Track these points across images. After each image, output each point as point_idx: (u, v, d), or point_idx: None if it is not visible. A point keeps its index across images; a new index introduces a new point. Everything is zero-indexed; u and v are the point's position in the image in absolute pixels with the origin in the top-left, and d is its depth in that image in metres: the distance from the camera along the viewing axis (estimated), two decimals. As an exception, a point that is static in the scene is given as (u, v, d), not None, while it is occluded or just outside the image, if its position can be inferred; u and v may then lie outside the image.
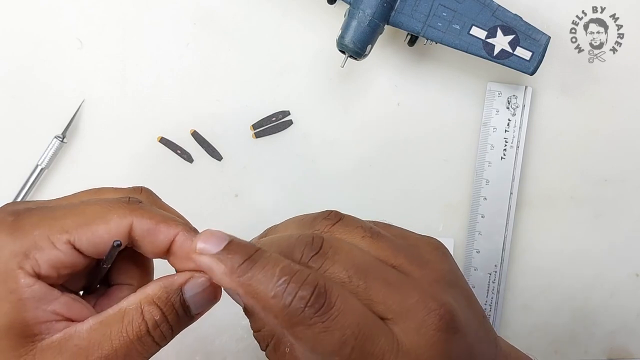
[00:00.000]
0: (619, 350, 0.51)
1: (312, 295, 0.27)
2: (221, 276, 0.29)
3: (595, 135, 0.50)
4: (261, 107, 0.49)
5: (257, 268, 0.28)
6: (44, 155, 0.47)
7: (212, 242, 0.29)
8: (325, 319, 0.27)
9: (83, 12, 0.48)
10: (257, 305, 0.28)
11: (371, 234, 0.32)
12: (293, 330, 0.28)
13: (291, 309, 0.27)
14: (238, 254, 0.29)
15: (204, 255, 0.29)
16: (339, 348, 0.28)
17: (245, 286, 0.28)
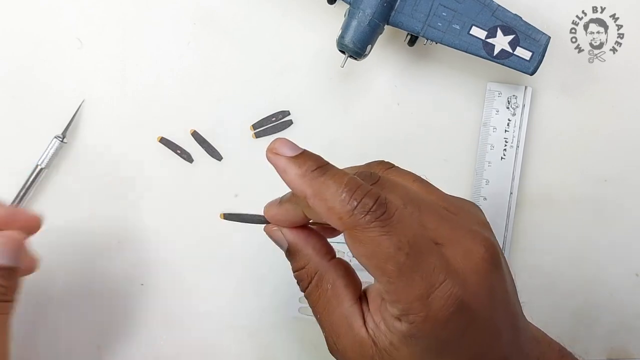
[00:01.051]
0: (618, 350, 0.51)
1: (374, 204, 0.30)
2: (294, 177, 0.32)
3: (595, 135, 0.50)
4: (261, 107, 0.49)
5: (328, 175, 0.31)
6: (44, 155, 0.47)
7: (288, 147, 0.32)
8: (384, 225, 0.30)
9: (83, 12, 0.48)
10: (324, 207, 0.31)
11: (420, 180, 0.35)
12: (354, 233, 0.30)
13: (356, 212, 0.30)
14: (312, 161, 0.32)
15: (281, 156, 0.32)
16: (394, 253, 0.30)
17: (316, 189, 0.31)
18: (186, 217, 0.49)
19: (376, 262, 0.30)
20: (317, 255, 0.35)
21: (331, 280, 0.34)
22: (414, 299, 0.30)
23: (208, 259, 0.49)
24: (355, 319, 0.33)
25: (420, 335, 0.30)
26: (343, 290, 0.34)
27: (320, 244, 0.35)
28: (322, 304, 0.34)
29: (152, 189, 0.49)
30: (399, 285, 0.30)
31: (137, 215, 0.49)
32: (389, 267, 0.30)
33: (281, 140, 0.33)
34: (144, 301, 0.49)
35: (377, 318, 0.32)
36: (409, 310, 0.30)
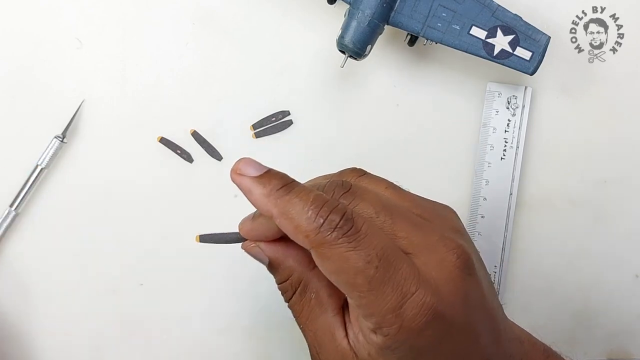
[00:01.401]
0: (618, 352, 0.51)
1: (341, 219, 0.30)
2: (259, 197, 0.32)
3: (595, 135, 0.50)
4: (261, 107, 0.49)
5: (293, 193, 0.31)
6: (44, 155, 0.47)
7: (252, 167, 0.33)
8: (352, 240, 0.30)
9: (83, 12, 0.48)
10: (290, 226, 0.31)
11: (393, 186, 0.35)
12: (322, 250, 0.30)
13: (322, 230, 0.30)
14: (276, 179, 0.32)
15: (245, 177, 0.32)
16: (364, 267, 0.30)
17: (282, 207, 0.31)
18: (186, 217, 0.49)
19: (345, 278, 0.30)
20: (299, 266, 0.34)
21: (315, 290, 0.34)
22: (386, 311, 0.30)
23: (207, 258, 0.49)
24: (338, 330, 0.33)
25: (395, 346, 0.30)
26: (327, 299, 0.34)
27: (301, 253, 0.35)
28: (306, 313, 0.34)
29: (152, 189, 0.49)
30: (370, 299, 0.30)
31: (136, 215, 0.49)
32: (359, 281, 0.30)
33: (245, 160, 0.33)
34: (143, 301, 0.49)
35: (356, 329, 0.32)
36: (382, 323, 0.30)
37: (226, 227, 0.49)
